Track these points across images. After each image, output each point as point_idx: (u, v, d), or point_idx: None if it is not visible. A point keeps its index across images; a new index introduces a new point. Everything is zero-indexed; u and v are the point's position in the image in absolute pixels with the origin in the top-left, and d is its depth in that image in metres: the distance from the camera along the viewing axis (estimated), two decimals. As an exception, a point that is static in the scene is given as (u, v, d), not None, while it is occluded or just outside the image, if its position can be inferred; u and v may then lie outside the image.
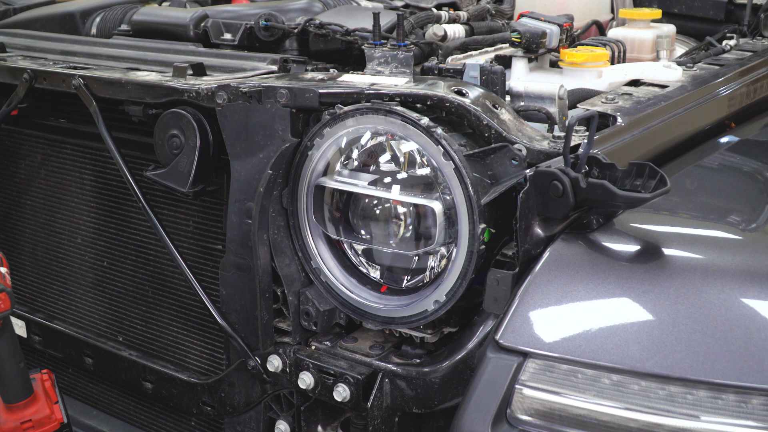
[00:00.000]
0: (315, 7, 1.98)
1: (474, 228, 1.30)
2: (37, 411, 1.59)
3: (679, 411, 1.09)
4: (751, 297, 1.15)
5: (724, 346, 1.09)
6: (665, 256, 1.21)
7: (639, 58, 2.01)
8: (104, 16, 2.11)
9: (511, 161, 1.30)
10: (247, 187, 1.49)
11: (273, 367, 1.53)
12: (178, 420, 1.85)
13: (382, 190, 1.40)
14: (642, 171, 1.25)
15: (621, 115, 1.46)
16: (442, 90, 1.37)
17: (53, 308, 2.02)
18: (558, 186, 1.22)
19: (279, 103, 1.45)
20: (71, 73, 1.69)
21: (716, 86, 1.76)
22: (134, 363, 1.81)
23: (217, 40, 1.83)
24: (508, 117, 1.38)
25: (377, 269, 1.49)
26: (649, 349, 1.11)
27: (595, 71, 1.71)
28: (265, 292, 1.51)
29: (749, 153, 1.80)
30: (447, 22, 1.97)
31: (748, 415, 1.07)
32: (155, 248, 1.75)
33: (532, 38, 1.69)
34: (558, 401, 1.16)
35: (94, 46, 1.89)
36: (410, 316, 1.41)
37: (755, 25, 2.32)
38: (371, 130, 1.40)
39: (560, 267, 1.23)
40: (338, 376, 1.45)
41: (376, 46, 1.55)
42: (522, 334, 1.18)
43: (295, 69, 1.65)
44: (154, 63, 1.74)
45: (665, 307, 1.15)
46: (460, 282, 1.34)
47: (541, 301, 1.20)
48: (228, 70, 1.63)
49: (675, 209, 1.40)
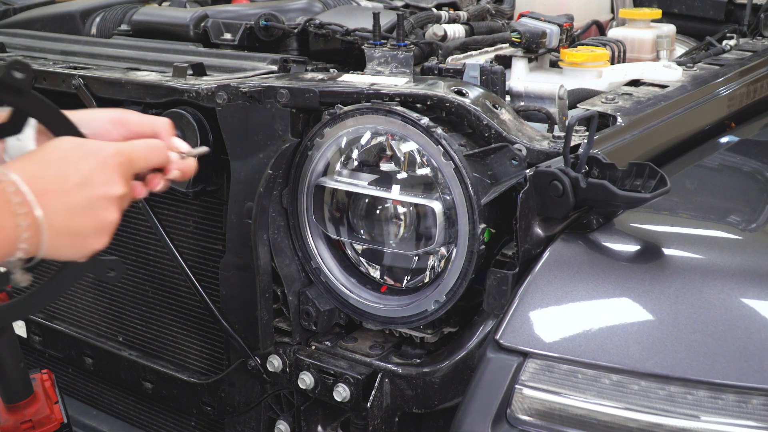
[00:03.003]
0: (315, 7, 1.98)
1: (474, 228, 1.30)
2: (37, 411, 1.59)
3: (679, 411, 1.09)
4: (751, 297, 1.15)
5: (724, 346, 1.09)
6: (665, 256, 1.21)
7: (639, 58, 2.01)
8: (104, 16, 2.11)
9: (511, 161, 1.30)
10: (247, 187, 1.49)
11: (273, 367, 1.53)
12: (178, 420, 1.85)
13: (382, 190, 1.40)
14: (642, 171, 1.25)
15: (621, 115, 1.46)
16: (442, 90, 1.37)
17: (53, 308, 2.02)
18: (558, 186, 1.22)
19: (279, 103, 1.45)
20: (71, 73, 1.69)
21: (716, 86, 1.76)
22: (134, 363, 1.80)
23: (217, 40, 1.83)
24: (508, 117, 1.38)
25: (377, 269, 1.49)
26: (649, 349, 1.11)
27: (595, 71, 1.71)
28: (265, 292, 1.51)
29: (749, 153, 1.80)
30: (447, 22, 1.97)
31: (748, 415, 1.07)
32: (155, 248, 1.75)
33: (532, 38, 1.69)
34: (558, 401, 1.16)
35: (94, 46, 1.89)
36: (410, 316, 1.41)
37: (755, 25, 2.32)
38: (371, 130, 1.40)
39: (560, 267, 1.23)
40: (338, 376, 1.45)
41: (376, 46, 1.55)
42: (522, 334, 1.18)
43: (295, 69, 1.65)
44: (154, 63, 1.74)
45: (665, 307, 1.15)
46: (460, 282, 1.34)
47: (541, 301, 1.20)
48: (228, 70, 1.63)
49: (675, 209, 1.40)
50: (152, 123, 1.12)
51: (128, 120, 1.10)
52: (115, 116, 1.10)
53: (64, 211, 0.93)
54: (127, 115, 1.11)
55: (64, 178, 0.93)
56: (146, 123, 1.11)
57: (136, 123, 1.10)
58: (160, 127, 1.12)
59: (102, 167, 0.97)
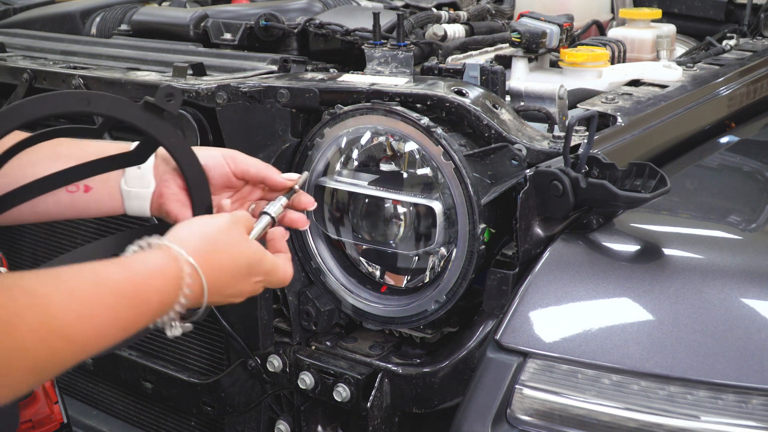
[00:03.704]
0: (315, 7, 1.98)
1: (474, 228, 1.30)
2: (37, 411, 1.59)
3: (679, 411, 1.09)
4: (751, 297, 1.15)
5: (724, 346, 1.09)
6: (665, 256, 1.21)
7: (639, 58, 2.01)
8: (104, 16, 2.11)
9: (511, 161, 1.30)
10: (247, 187, 1.49)
11: (273, 367, 1.53)
12: (178, 420, 1.85)
13: (382, 190, 1.40)
14: (642, 171, 1.25)
15: (621, 115, 1.46)
16: (442, 90, 1.37)
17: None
18: (558, 186, 1.22)
19: (279, 103, 1.45)
20: (71, 73, 1.69)
21: (716, 86, 1.76)
22: (134, 363, 1.80)
23: (217, 40, 1.83)
24: (508, 117, 1.38)
25: (377, 269, 1.49)
26: (649, 349, 1.11)
27: (595, 71, 1.71)
28: (265, 292, 1.51)
29: (749, 153, 1.80)
30: (447, 22, 1.97)
31: (748, 415, 1.07)
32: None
33: (532, 38, 1.69)
34: (558, 401, 1.16)
35: (94, 46, 1.89)
36: (410, 316, 1.41)
37: (755, 25, 2.32)
38: (371, 130, 1.40)
39: (560, 267, 1.23)
40: (338, 376, 1.45)
41: (376, 46, 1.55)
42: (522, 334, 1.18)
43: (295, 69, 1.65)
44: (154, 63, 1.74)
45: (665, 307, 1.15)
46: (460, 282, 1.34)
47: (541, 301, 1.20)
48: (228, 70, 1.63)
49: (675, 209, 1.40)
50: (257, 163, 1.21)
51: (237, 158, 1.20)
52: (226, 153, 1.20)
53: (218, 294, 1.03)
54: (236, 153, 1.21)
55: (231, 281, 1.04)
56: (252, 162, 1.21)
57: (243, 161, 1.20)
58: (267, 166, 1.22)
59: (255, 276, 1.09)
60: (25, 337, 0.76)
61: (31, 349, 0.77)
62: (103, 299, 0.86)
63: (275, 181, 1.20)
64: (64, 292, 0.82)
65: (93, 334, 0.84)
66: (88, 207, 1.16)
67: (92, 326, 0.84)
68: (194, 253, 0.97)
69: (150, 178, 1.16)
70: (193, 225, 1.04)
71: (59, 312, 0.80)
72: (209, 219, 1.06)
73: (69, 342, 0.81)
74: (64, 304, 0.81)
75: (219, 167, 1.18)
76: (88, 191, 1.14)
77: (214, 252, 1.01)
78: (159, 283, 0.93)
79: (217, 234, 1.03)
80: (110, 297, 0.87)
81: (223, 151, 1.21)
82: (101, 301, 0.85)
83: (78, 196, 1.14)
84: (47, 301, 0.80)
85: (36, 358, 0.78)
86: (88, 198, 1.15)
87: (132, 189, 1.17)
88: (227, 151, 1.21)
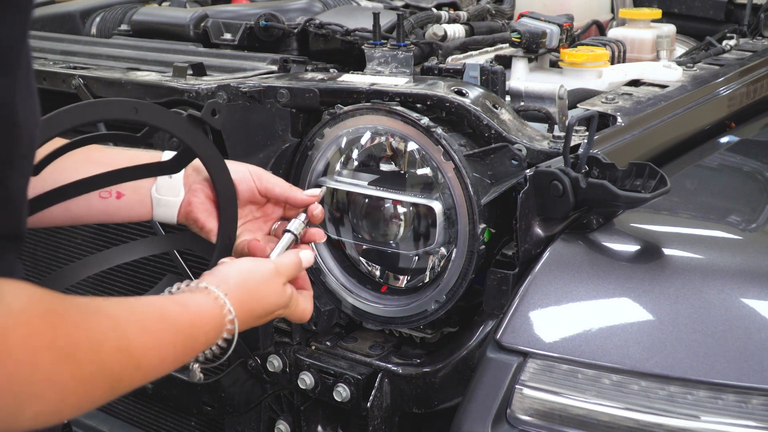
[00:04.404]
0: (315, 7, 1.98)
1: (474, 228, 1.30)
2: (37, 411, 1.59)
3: (679, 411, 1.09)
4: (751, 297, 1.15)
5: (724, 346, 1.09)
6: (665, 256, 1.21)
7: (639, 58, 2.01)
8: (104, 16, 2.11)
9: (511, 161, 1.30)
10: (247, 187, 1.48)
11: (273, 367, 1.53)
12: (178, 420, 1.85)
13: (382, 190, 1.40)
14: (642, 171, 1.25)
15: (621, 115, 1.46)
16: (442, 90, 1.37)
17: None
18: (558, 186, 1.22)
19: (279, 103, 1.45)
20: (71, 73, 1.69)
21: (716, 86, 1.76)
22: (134, 363, 1.80)
23: (217, 40, 1.83)
24: (508, 117, 1.38)
25: (377, 269, 1.49)
26: (649, 349, 1.11)
27: (595, 71, 1.71)
28: (265, 292, 1.51)
29: (749, 153, 1.80)
30: (447, 22, 1.97)
31: (748, 415, 1.07)
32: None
33: (532, 38, 1.69)
34: (558, 401, 1.16)
35: (94, 46, 1.89)
36: (410, 316, 1.41)
37: (755, 25, 2.32)
38: (371, 130, 1.40)
39: (560, 267, 1.23)
40: (338, 376, 1.45)
41: (376, 46, 1.55)
42: (522, 334, 1.18)
43: (295, 69, 1.65)
44: (154, 63, 1.74)
45: (665, 307, 1.15)
46: (460, 282, 1.34)
47: (541, 301, 1.20)
48: (228, 70, 1.63)
49: (675, 209, 1.40)
50: (281, 183, 1.24)
51: (263, 176, 1.23)
52: (253, 170, 1.24)
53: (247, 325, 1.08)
54: (262, 171, 1.25)
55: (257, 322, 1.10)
56: (276, 182, 1.24)
57: (268, 180, 1.24)
58: (290, 187, 1.25)
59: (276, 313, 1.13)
60: (107, 359, 0.81)
61: (111, 370, 0.82)
62: (167, 333, 0.92)
63: (298, 200, 1.24)
64: (138, 323, 0.88)
65: (155, 364, 0.90)
66: (119, 213, 1.19)
67: (156, 357, 0.90)
68: (235, 302, 1.03)
69: (180, 187, 1.19)
70: (240, 271, 1.08)
71: (134, 340, 0.86)
72: (255, 266, 1.10)
73: (138, 369, 0.87)
74: (138, 334, 0.87)
75: (245, 182, 1.22)
76: (120, 198, 1.18)
77: (252, 302, 1.07)
78: (207, 327, 0.99)
79: (259, 285, 1.08)
80: (172, 332, 0.93)
81: (250, 167, 1.24)
82: (165, 335, 0.92)
83: (110, 202, 1.18)
84: (126, 327, 0.85)
85: (113, 380, 0.83)
86: (120, 204, 1.19)
87: (162, 197, 1.20)
88: (254, 168, 1.24)
